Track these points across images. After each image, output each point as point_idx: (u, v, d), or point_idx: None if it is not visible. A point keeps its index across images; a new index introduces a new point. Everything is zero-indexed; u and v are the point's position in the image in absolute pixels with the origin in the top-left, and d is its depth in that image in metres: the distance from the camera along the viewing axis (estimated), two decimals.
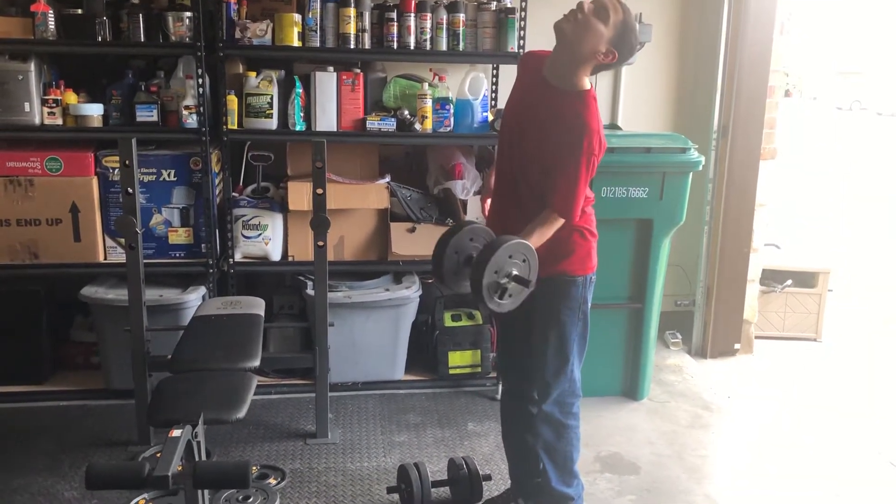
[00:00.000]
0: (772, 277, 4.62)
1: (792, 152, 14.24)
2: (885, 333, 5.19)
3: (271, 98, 3.39)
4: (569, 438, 2.53)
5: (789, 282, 4.64)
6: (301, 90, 3.42)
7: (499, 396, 2.70)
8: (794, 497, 2.96)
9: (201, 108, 3.33)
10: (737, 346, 4.32)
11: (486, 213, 2.75)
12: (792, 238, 7.81)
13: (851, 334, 4.99)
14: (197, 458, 2.04)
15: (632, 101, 4.23)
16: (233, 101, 3.37)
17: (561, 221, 2.30)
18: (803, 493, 2.98)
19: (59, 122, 3.28)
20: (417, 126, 3.46)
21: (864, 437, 3.48)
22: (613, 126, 4.16)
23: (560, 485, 2.54)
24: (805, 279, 4.69)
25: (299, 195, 3.44)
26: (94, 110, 3.30)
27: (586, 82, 2.32)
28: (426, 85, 3.50)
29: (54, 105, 3.25)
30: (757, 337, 4.46)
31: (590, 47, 2.24)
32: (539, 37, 3.15)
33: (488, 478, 2.81)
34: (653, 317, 3.60)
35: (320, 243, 3.05)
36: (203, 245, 3.48)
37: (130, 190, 2.88)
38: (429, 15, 3.43)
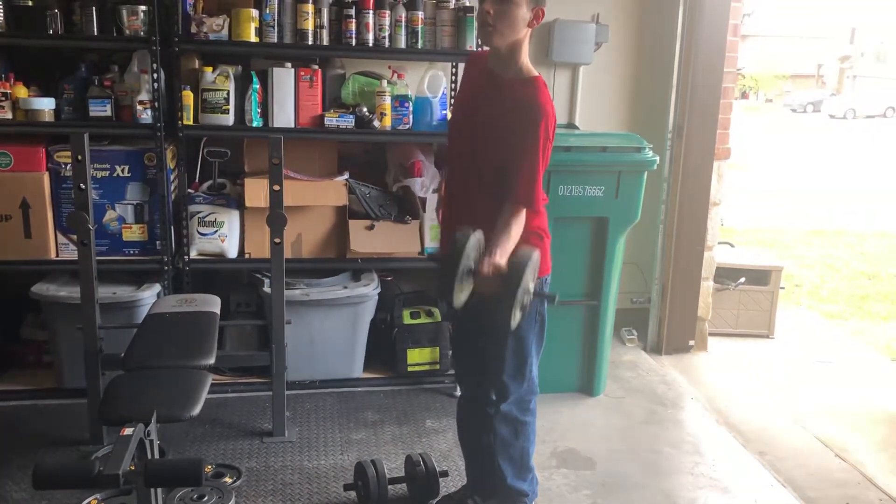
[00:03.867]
0: (725, 275, 4.69)
1: (746, 152, 14.52)
2: (833, 329, 5.34)
3: (228, 94, 3.36)
4: (526, 434, 2.55)
5: (742, 279, 4.73)
6: (258, 86, 3.40)
7: (457, 393, 2.68)
8: (742, 489, 3.02)
9: (156, 104, 3.28)
10: (691, 342, 4.40)
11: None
12: (745, 236, 7.98)
13: (803, 331, 5.12)
14: (150, 457, 2.02)
15: (589, 101, 4.27)
16: (188, 96, 3.33)
17: (524, 211, 2.27)
18: (749, 486, 3.05)
19: (9, 116, 3.21)
20: (376, 123, 3.46)
21: (808, 428, 3.56)
22: (571, 125, 4.20)
23: (515, 480, 2.56)
24: (758, 277, 4.79)
25: (256, 192, 3.41)
26: (46, 104, 3.24)
27: (532, 68, 2.32)
28: (385, 82, 3.50)
29: (4, 99, 3.18)
30: (711, 334, 4.54)
31: (520, 26, 2.24)
32: None
33: (445, 474, 2.82)
34: (609, 314, 3.65)
35: (277, 240, 3.03)
36: (158, 242, 3.43)
37: (83, 185, 2.83)
38: (387, 12, 3.43)
